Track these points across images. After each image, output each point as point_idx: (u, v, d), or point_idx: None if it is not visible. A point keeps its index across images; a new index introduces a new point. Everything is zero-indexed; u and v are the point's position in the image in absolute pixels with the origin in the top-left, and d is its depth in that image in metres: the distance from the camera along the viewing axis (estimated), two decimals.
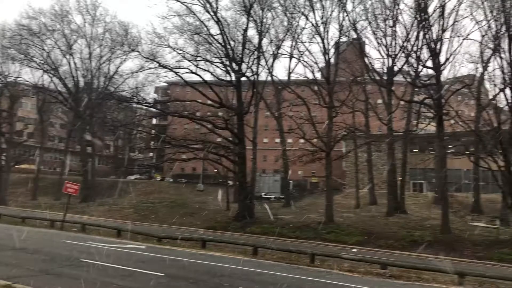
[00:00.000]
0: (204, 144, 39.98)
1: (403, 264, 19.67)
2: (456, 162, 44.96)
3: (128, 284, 11.64)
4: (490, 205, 45.34)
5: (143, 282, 12.06)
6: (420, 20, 35.51)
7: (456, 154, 38.16)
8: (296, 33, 43.72)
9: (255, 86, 41.69)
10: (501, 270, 22.89)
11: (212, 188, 58.84)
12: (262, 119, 60.61)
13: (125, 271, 13.44)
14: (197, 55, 39.61)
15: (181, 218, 41.91)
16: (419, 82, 38.41)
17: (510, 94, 31.66)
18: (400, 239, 31.93)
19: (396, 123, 44.70)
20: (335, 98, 40.93)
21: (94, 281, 11.78)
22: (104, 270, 13.10)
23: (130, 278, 12.58)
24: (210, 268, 15.96)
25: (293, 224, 36.65)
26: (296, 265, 18.68)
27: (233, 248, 23.21)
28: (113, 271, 13.17)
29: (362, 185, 51.33)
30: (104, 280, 11.89)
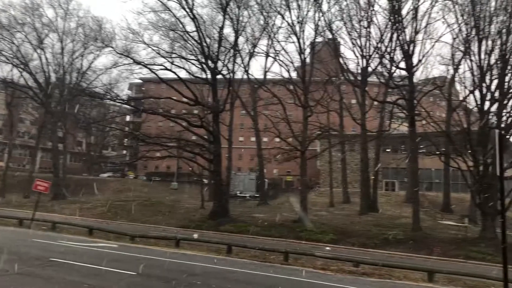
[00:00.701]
0: (178, 142, 39.67)
1: (375, 262, 19.97)
2: (427, 161, 45.91)
3: (100, 283, 11.45)
4: (460, 204, 46.59)
5: (115, 281, 11.88)
6: (394, 22, 36.12)
7: (427, 154, 38.97)
8: (272, 32, 43.88)
9: (231, 84, 41.64)
10: (469, 267, 23.55)
11: (187, 187, 58.55)
12: (238, 118, 60.57)
13: (96, 270, 13.22)
14: (172, 52, 39.29)
15: (154, 217, 41.45)
16: (392, 83, 39.08)
17: (479, 96, 32.53)
18: (372, 237, 32.43)
19: (370, 123, 45.36)
20: (310, 98, 41.23)
21: (64, 280, 11.56)
22: (75, 270, 12.85)
23: (102, 277, 12.38)
24: (183, 266, 15.85)
25: (268, 223, 36.75)
26: (270, 264, 18.75)
27: (207, 247, 23.11)
28: (85, 270, 12.93)
29: (336, 184, 51.94)
30: (74, 279, 11.68)
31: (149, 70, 38.16)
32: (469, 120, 33.12)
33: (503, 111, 31.94)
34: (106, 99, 46.08)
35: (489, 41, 32.12)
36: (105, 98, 45.06)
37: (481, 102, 32.29)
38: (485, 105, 32.23)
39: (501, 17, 31.66)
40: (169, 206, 46.34)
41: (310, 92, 41.53)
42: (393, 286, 14.83)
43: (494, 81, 32.25)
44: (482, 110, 32.25)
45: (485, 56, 32.07)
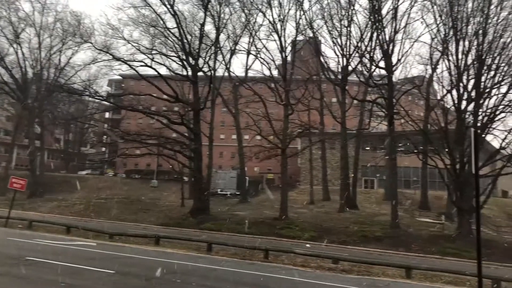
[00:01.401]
0: (159, 139, 39.38)
1: (353, 259, 20.21)
2: (406, 160, 46.65)
3: (77, 282, 11.28)
4: (437, 202, 47.49)
5: (93, 279, 11.73)
6: (374, 21, 36.53)
7: (405, 152, 39.62)
8: (254, 30, 43.93)
9: (212, 82, 41.49)
10: (446, 264, 24.04)
11: (167, 184, 58.19)
12: (219, 115, 60.38)
13: (74, 269, 13.03)
14: (153, 48, 38.98)
15: (134, 215, 41.12)
16: (372, 82, 39.53)
17: (457, 95, 33.18)
18: (351, 234, 32.81)
19: (350, 121, 45.81)
20: (291, 96, 41.43)
21: (41, 280, 11.36)
22: (52, 268, 12.62)
23: (80, 276, 12.21)
24: (163, 264, 15.72)
25: (249, 220, 36.78)
26: (250, 261, 18.78)
27: (188, 245, 23.03)
28: (62, 269, 12.70)
29: (317, 182, 52.30)
30: (51, 278, 11.48)
31: (129, 66, 37.86)
32: (447, 119, 33.78)
33: (479, 111, 32.65)
34: (85, 96, 45.28)
35: (466, 42, 32.83)
36: (83, 94, 44.31)
37: (458, 102, 32.96)
38: (462, 105, 32.93)
39: (477, 18, 32.34)
40: (149, 204, 46.01)
41: (291, 90, 41.76)
42: (371, 283, 15.01)
43: (470, 81, 32.95)
44: (459, 109, 32.91)
45: (462, 56, 32.75)
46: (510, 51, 31.82)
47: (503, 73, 32.25)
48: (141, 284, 11.70)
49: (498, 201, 53.25)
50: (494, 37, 31.82)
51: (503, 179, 56.57)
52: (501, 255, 28.08)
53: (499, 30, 31.66)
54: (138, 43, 38.25)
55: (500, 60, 32.06)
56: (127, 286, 11.50)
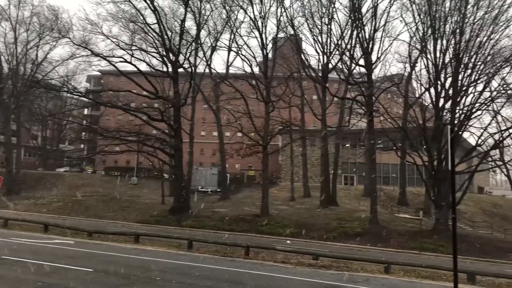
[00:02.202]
0: (138, 136, 38.98)
1: (333, 255, 20.44)
2: (385, 157, 47.25)
3: (54, 281, 11.11)
4: (415, 198, 48.32)
5: (70, 278, 11.55)
6: (354, 19, 36.86)
7: (384, 149, 40.04)
8: (235, 27, 43.81)
9: (192, 78, 41.23)
10: (423, 258, 24.49)
11: (147, 182, 57.70)
12: (200, 112, 60.14)
13: (51, 267, 12.82)
14: (133, 44, 38.47)
15: (114, 212, 40.67)
16: (352, 79, 39.89)
17: (434, 93, 33.75)
18: (331, 230, 33.14)
19: (330, 118, 46.12)
20: (272, 93, 41.49)
21: (17, 279, 11.15)
22: (28, 267, 12.39)
23: (57, 274, 12.02)
24: (142, 262, 15.63)
25: (230, 217, 36.81)
26: (231, 258, 18.80)
27: (168, 242, 22.90)
28: (39, 268, 12.50)
29: (297, 178, 52.59)
30: (28, 277, 11.28)
31: (108, 62, 37.27)
32: (425, 116, 34.31)
33: (456, 108, 33.27)
34: (63, 92, 44.53)
35: (444, 41, 33.41)
36: (61, 90, 43.52)
37: (436, 99, 33.54)
38: (440, 102, 33.50)
39: (455, 17, 32.96)
40: (129, 201, 45.55)
41: (272, 87, 41.80)
42: (350, 278, 15.18)
43: (448, 79, 33.61)
44: (436, 107, 33.49)
45: (440, 55, 33.34)
46: (486, 50, 32.55)
47: (479, 71, 32.95)
48: (119, 282, 11.58)
49: (474, 197, 54.49)
50: (470, 36, 32.48)
51: (479, 175, 58.07)
52: (476, 250, 28.78)
53: (476, 30, 32.34)
54: (117, 39, 37.80)
55: (476, 58, 32.75)
56: (105, 284, 11.35)
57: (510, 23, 32.30)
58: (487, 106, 33.90)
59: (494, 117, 36.65)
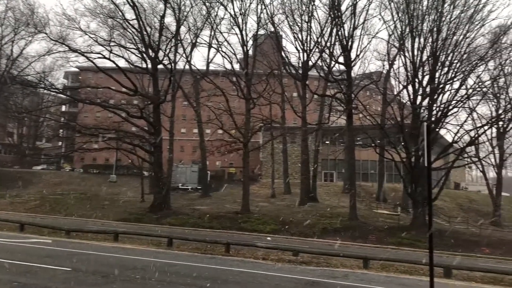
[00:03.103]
0: (117, 133, 38.53)
1: (313, 251, 20.62)
2: (364, 153, 47.84)
3: (31, 281, 10.93)
4: (393, 194, 49.07)
5: (47, 278, 11.39)
6: (333, 17, 37.11)
7: (363, 146, 40.57)
8: (215, 23, 43.55)
9: (172, 75, 40.91)
10: (401, 254, 24.91)
11: (126, 179, 57.08)
12: (180, 109, 59.73)
13: (28, 267, 12.61)
14: (111, 40, 37.93)
15: (92, 211, 40.11)
16: (332, 77, 40.16)
17: (412, 91, 34.27)
18: (311, 226, 33.40)
19: (310, 115, 46.35)
20: (253, 90, 41.50)
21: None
22: (4, 267, 12.16)
23: (33, 274, 11.83)
24: (122, 261, 15.49)
25: (210, 215, 36.73)
26: (211, 255, 18.78)
27: (148, 240, 22.74)
28: (14, 267, 12.27)
29: (278, 175, 52.81)
30: (4, 278, 11.07)
31: (86, 58, 36.70)
32: (402, 113, 34.83)
33: (433, 106, 33.88)
34: (40, 88, 43.63)
35: (421, 39, 33.95)
36: (38, 86, 42.70)
37: (414, 97, 34.06)
38: (417, 100, 34.03)
39: (432, 16, 33.47)
40: (108, 199, 45.01)
41: (253, 85, 41.81)
42: (330, 274, 15.34)
43: (425, 77, 34.14)
44: (414, 104, 34.00)
45: (418, 53, 33.86)
46: (462, 48, 33.17)
47: (455, 69, 33.56)
48: (98, 281, 11.46)
49: (450, 192, 55.65)
50: (447, 35, 33.07)
51: (455, 171, 59.29)
52: (452, 244, 29.41)
53: (452, 28, 32.92)
54: (95, 35, 37.19)
55: (453, 57, 33.37)
56: (83, 283, 11.21)
57: (485, 22, 33.03)
58: (463, 104, 34.64)
59: (470, 114, 37.48)
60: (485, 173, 50.49)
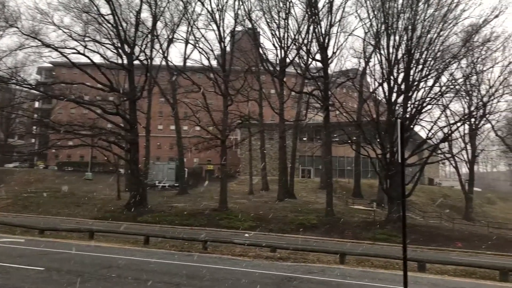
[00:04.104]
0: (92, 130, 37.90)
1: (290, 247, 20.76)
2: (340, 150, 48.27)
3: (2, 282, 10.65)
4: (369, 190, 49.73)
5: (19, 278, 11.13)
6: (310, 14, 37.29)
7: (340, 142, 40.94)
8: (192, 19, 43.26)
9: (148, 71, 40.45)
10: (376, 248, 25.30)
11: (102, 177, 56.24)
12: (157, 105, 59.21)
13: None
14: (86, 35, 37.22)
15: (67, 209, 39.47)
16: (309, 74, 40.43)
17: (388, 88, 34.77)
18: (289, 222, 33.62)
19: (288, 112, 46.55)
20: (230, 87, 41.39)
21: None
22: None
23: (5, 274, 11.53)
24: (97, 259, 15.27)
25: (188, 212, 36.58)
26: (188, 253, 18.68)
27: (124, 238, 22.49)
28: None
29: (256, 172, 52.88)
30: None
31: (59, 53, 35.87)
32: (378, 110, 35.33)
33: (408, 103, 34.47)
34: (11, 84, 42.41)
35: (396, 37, 34.48)
36: (10, 82, 41.44)
37: (389, 94, 34.58)
38: (393, 97, 34.57)
39: (407, 14, 34.02)
40: (83, 197, 44.28)
41: (230, 81, 41.70)
42: (307, 269, 15.47)
43: (400, 74, 34.71)
44: (389, 101, 34.54)
45: (393, 51, 34.38)
46: (436, 46, 33.86)
47: (429, 67, 34.25)
48: (73, 280, 11.25)
49: (425, 188, 56.84)
50: (422, 33, 33.67)
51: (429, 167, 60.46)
52: (426, 239, 30.05)
53: (427, 26, 33.54)
54: (69, 29, 36.45)
55: (427, 54, 34.03)
56: (57, 283, 11.00)
57: (458, 21, 33.80)
58: (437, 101, 35.43)
59: (443, 111, 38.32)
60: (458, 168, 51.75)
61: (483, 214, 50.46)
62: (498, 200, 64.04)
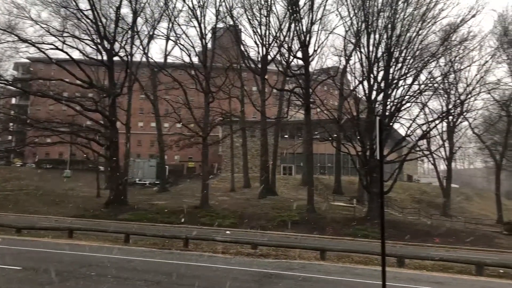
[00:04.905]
0: (71, 127, 37.34)
1: (271, 243, 20.83)
2: (321, 147, 48.65)
3: None
4: (349, 186, 50.24)
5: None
6: (291, 12, 37.38)
7: (321, 140, 41.23)
8: (173, 15, 42.90)
9: (129, 67, 40.01)
10: (356, 244, 25.59)
11: (82, 174, 55.53)
12: (137, 102, 58.61)
13: None
14: (64, 31, 36.61)
15: (46, 207, 38.76)
16: (290, 71, 40.55)
17: (368, 86, 35.15)
18: (270, 219, 33.73)
19: (269, 110, 46.63)
20: (212, 84, 41.22)
21: None
22: None
23: None
24: (77, 258, 15.09)
25: (169, 209, 36.35)
26: (169, 250, 18.61)
27: (104, 236, 22.24)
28: None
29: (238, 169, 52.89)
30: None
31: (37, 49, 35.19)
32: (358, 108, 35.69)
33: (387, 100, 34.90)
34: None
35: (376, 35, 34.83)
36: None
37: (369, 92, 34.95)
38: (372, 95, 34.95)
39: (387, 13, 34.40)
40: (62, 195, 43.61)
41: (212, 78, 41.52)
42: (288, 266, 15.58)
43: (380, 72, 35.10)
44: (369, 99, 34.91)
45: (373, 49, 34.75)
46: (415, 45, 34.34)
47: (409, 65, 34.73)
48: (51, 280, 11.10)
49: (404, 185, 57.66)
50: (401, 32, 34.13)
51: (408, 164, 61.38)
52: (405, 235, 30.51)
53: (406, 25, 34.01)
54: (47, 25, 35.73)
55: (406, 53, 34.50)
56: (35, 282, 10.84)
57: (437, 20, 34.32)
58: (416, 99, 35.94)
59: (422, 109, 38.98)
60: (436, 165, 52.66)
61: (460, 210, 51.44)
62: (474, 196, 65.38)
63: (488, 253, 26.74)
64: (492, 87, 44.24)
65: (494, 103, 46.69)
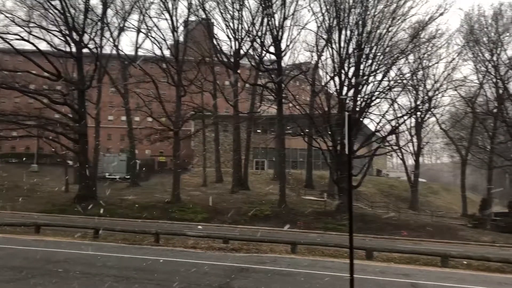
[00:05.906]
0: (39, 120, 36.36)
1: (243, 238, 20.92)
2: (293, 142, 49.00)
3: None
4: (320, 181, 50.88)
5: None
6: (264, 6, 37.39)
7: (293, 134, 41.53)
8: (144, 7, 42.31)
9: (98, 59, 39.20)
10: (327, 238, 26.00)
11: (49, 169, 54.21)
12: (107, 95, 57.51)
13: None
14: (30, 21, 35.52)
15: (11, 202, 37.65)
16: (263, 66, 40.61)
17: (339, 81, 35.61)
18: (243, 214, 33.87)
19: (242, 104, 46.58)
20: (183, 77, 40.85)
21: None
22: None
23: None
24: (44, 254, 14.75)
25: (139, 205, 35.98)
26: (140, 246, 18.41)
27: (73, 232, 21.78)
28: None
29: (210, 164, 52.71)
30: None
31: (1, 39, 34.03)
32: (329, 103, 36.13)
33: (358, 96, 35.44)
34: None
35: (348, 31, 35.30)
36: None
37: (340, 87, 35.42)
38: (343, 90, 35.42)
39: (358, 9, 34.88)
40: (29, 190, 42.51)
41: (184, 72, 41.15)
42: (259, 260, 15.67)
43: (351, 68, 35.61)
44: (340, 94, 35.36)
45: (344, 45, 35.23)
46: (385, 42, 34.97)
47: (379, 61, 35.38)
48: (15, 277, 10.83)
49: (373, 179, 58.78)
50: (372, 28, 34.66)
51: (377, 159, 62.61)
52: (374, 228, 31.20)
53: (376, 22, 34.57)
54: (12, 14, 34.67)
55: (376, 49, 35.13)
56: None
57: (406, 18, 35.04)
58: (385, 95, 36.67)
59: (391, 105, 39.78)
60: (404, 160, 53.87)
61: (427, 204, 52.84)
62: (441, 191, 67.27)
63: (454, 245, 27.65)
64: (459, 84, 45.63)
65: (460, 99, 48.16)
